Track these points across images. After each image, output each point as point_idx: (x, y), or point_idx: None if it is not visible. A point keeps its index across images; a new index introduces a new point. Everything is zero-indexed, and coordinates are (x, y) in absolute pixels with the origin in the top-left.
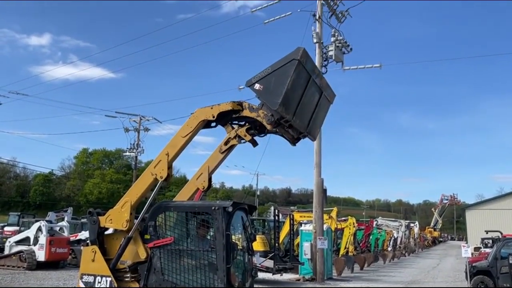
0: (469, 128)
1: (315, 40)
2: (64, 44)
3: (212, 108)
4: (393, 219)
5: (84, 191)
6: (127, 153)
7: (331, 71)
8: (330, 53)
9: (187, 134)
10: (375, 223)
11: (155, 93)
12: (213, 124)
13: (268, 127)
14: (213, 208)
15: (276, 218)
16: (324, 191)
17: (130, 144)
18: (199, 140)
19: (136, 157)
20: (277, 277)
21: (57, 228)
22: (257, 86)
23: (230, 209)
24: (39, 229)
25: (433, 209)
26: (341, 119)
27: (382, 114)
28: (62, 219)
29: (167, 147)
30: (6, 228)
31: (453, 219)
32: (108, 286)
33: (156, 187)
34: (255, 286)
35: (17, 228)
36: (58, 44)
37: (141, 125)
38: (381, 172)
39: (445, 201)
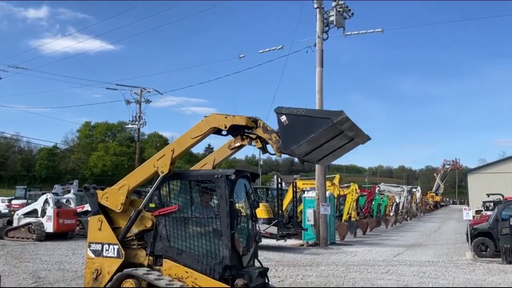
0: (473, 93)
1: (315, 5)
2: (62, 16)
3: (226, 118)
4: (396, 184)
5: (88, 164)
6: (130, 126)
7: (332, 37)
8: (331, 18)
9: (196, 137)
10: (377, 189)
11: (156, 65)
12: (224, 132)
13: (277, 154)
14: (216, 176)
15: (279, 186)
16: None
17: (132, 116)
18: (201, 112)
19: (138, 129)
20: (281, 243)
21: (64, 200)
22: (283, 118)
23: (233, 177)
24: (46, 201)
25: (435, 174)
26: (344, 87)
27: (385, 81)
28: (68, 192)
29: (174, 144)
30: (13, 202)
31: (455, 184)
32: (115, 253)
33: (157, 181)
34: (259, 251)
35: (24, 201)
36: (56, 16)
37: (142, 97)
38: (384, 139)
39: (447, 166)
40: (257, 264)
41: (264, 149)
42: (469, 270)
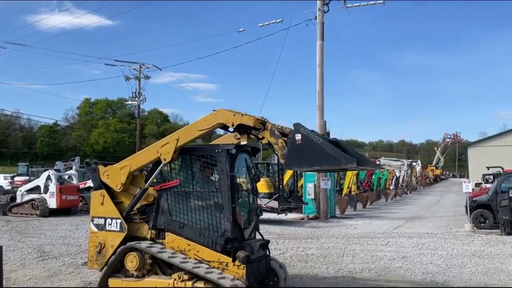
0: (474, 65)
1: None
2: None
3: (234, 116)
4: (396, 159)
5: (89, 141)
6: (129, 102)
7: (333, 10)
8: None
9: (203, 129)
10: (377, 163)
11: (154, 40)
12: (231, 129)
13: (281, 159)
14: (216, 150)
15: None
16: (327, 134)
17: (132, 92)
18: (201, 88)
19: (138, 105)
20: (282, 216)
21: (66, 177)
22: (298, 136)
23: (234, 151)
24: (48, 177)
25: (435, 148)
26: (344, 62)
27: (386, 55)
28: (70, 168)
29: (180, 133)
30: (16, 178)
31: (455, 157)
32: (118, 227)
33: (159, 167)
34: (260, 225)
35: (26, 178)
36: None
37: (141, 73)
38: (384, 114)
39: (448, 140)
40: (258, 237)
41: (271, 148)
42: (467, 241)
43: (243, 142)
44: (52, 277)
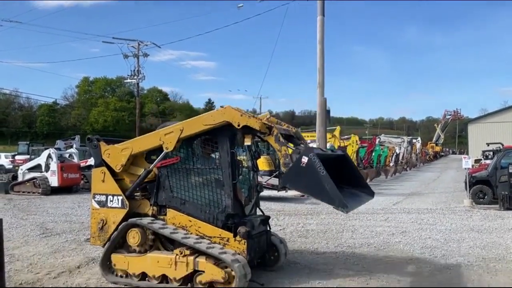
0: (476, 41)
1: None
2: None
3: (241, 116)
4: (396, 135)
5: (89, 120)
6: (128, 80)
7: None
8: None
9: (208, 124)
10: (377, 140)
11: (152, 17)
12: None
13: (282, 167)
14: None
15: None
16: (328, 111)
17: (131, 70)
18: (201, 66)
19: (137, 84)
20: (282, 193)
21: (67, 155)
22: (304, 160)
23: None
24: (49, 156)
25: (435, 125)
26: (346, 38)
27: (388, 30)
28: (71, 147)
29: (185, 123)
30: (17, 157)
31: (455, 134)
32: (120, 204)
33: (162, 154)
34: (261, 202)
35: (27, 156)
36: None
37: (139, 51)
38: (385, 91)
39: (448, 117)
40: (259, 213)
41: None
42: (466, 216)
43: (247, 143)
44: (56, 253)
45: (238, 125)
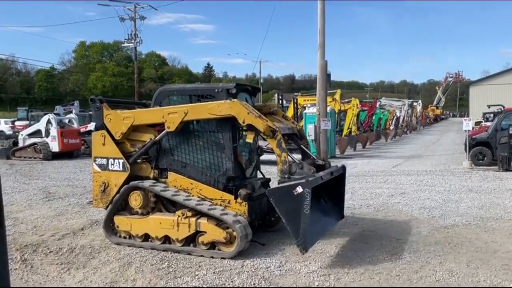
0: (480, 1)
1: None
2: None
3: (247, 114)
4: (397, 99)
5: (88, 85)
6: (126, 44)
7: None
8: None
9: (213, 114)
10: (378, 103)
11: None
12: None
13: (279, 173)
14: (216, 90)
15: (280, 102)
16: (328, 75)
17: (128, 34)
18: (199, 29)
19: (135, 48)
20: None
21: (66, 121)
22: (299, 189)
23: (234, 91)
24: (49, 121)
25: (437, 88)
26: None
27: None
28: (70, 112)
29: (190, 107)
30: (17, 123)
31: (456, 97)
32: (121, 167)
33: (163, 133)
34: (261, 166)
35: (27, 122)
36: None
37: (136, 14)
38: (387, 54)
39: (450, 79)
40: (259, 175)
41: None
42: (465, 177)
43: (249, 140)
44: (59, 216)
45: (243, 122)
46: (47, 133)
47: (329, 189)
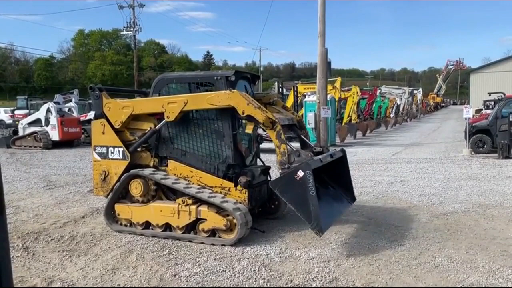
0: None
1: None
2: None
3: (247, 105)
4: (397, 87)
5: (87, 74)
6: (124, 32)
7: None
8: None
9: (212, 104)
10: (378, 91)
11: None
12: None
13: (278, 165)
14: (215, 77)
15: (280, 90)
16: (328, 63)
17: (126, 22)
18: (199, 17)
19: (134, 36)
20: None
21: (66, 109)
22: (300, 174)
23: (233, 78)
24: (48, 110)
25: (437, 75)
26: None
27: None
28: (70, 101)
29: (190, 97)
30: (16, 112)
31: (457, 85)
32: (121, 155)
33: (162, 123)
34: (261, 154)
35: (26, 111)
36: None
37: (135, 1)
38: (388, 42)
39: (451, 67)
40: (259, 163)
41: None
42: (465, 165)
43: (248, 131)
44: (60, 204)
45: (243, 113)
46: (47, 122)
47: (335, 176)
